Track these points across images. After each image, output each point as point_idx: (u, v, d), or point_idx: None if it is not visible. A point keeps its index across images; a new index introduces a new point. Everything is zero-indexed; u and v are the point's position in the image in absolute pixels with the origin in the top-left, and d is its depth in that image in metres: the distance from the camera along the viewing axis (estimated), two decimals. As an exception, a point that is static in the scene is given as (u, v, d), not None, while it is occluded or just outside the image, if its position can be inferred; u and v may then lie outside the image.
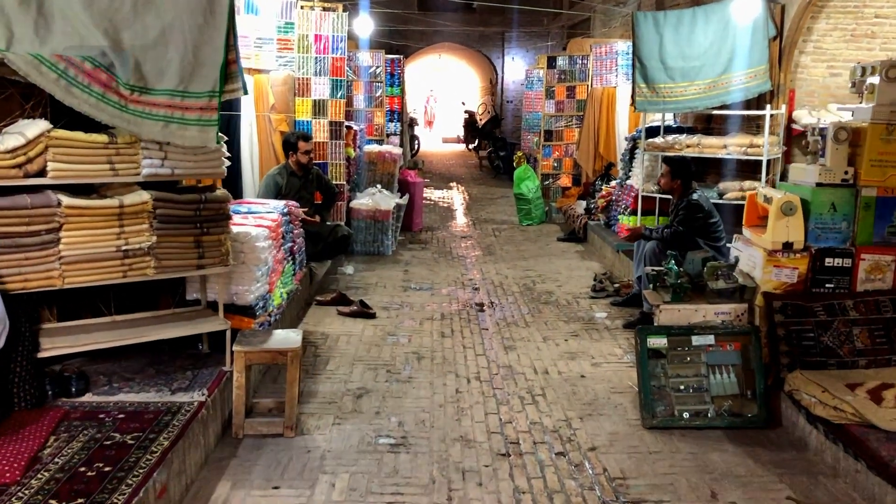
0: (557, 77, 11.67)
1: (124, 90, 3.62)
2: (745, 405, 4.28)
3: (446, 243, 9.87)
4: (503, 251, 9.36)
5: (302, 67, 7.39)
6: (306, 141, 6.81)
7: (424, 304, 6.76)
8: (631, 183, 8.52)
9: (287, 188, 6.84)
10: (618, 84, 11.10)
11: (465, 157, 23.25)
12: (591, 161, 11.29)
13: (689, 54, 7.26)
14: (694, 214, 6.07)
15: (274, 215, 5.01)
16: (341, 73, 7.48)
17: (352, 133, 9.02)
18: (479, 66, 25.24)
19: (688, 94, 7.33)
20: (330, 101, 7.49)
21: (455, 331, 6.03)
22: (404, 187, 10.33)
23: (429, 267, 8.35)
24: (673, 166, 6.35)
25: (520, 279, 7.83)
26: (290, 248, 5.47)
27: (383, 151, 9.81)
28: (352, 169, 9.33)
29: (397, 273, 7.95)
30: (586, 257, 8.95)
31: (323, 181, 7.22)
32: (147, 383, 3.95)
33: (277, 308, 5.04)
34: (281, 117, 7.33)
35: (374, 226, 8.74)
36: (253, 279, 4.44)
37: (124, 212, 3.71)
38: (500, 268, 8.39)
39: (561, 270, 8.25)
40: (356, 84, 11.79)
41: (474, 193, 15.19)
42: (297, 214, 5.65)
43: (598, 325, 6.21)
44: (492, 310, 6.66)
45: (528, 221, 11.22)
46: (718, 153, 7.36)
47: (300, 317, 6.19)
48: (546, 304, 6.86)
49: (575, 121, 11.68)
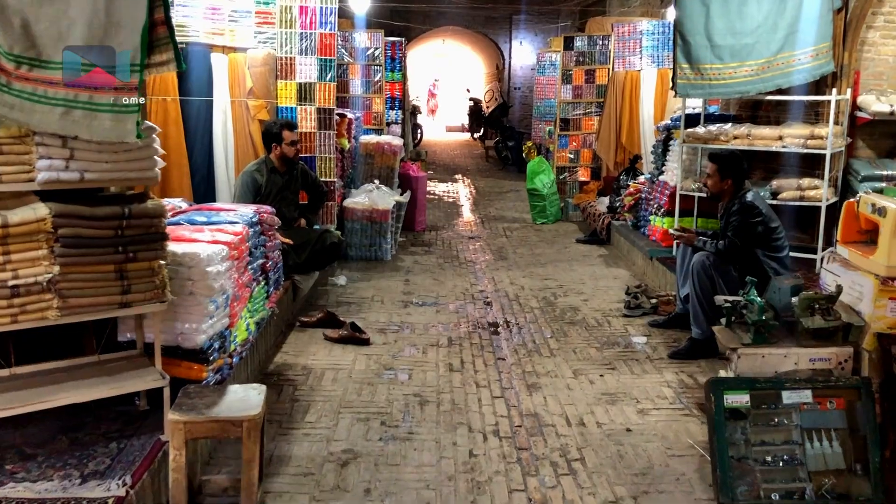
0: (575, 60, 10.56)
1: (6, 63, 2.56)
2: (853, 483, 3.23)
3: (452, 245, 8.81)
4: (517, 255, 8.30)
5: (285, 45, 6.31)
6: (292, 130, 5.73)
7: (428, 325, 5.71)
8: (665, 179, 7.44)
9: (268, 187, 5.78)
10: (642, 67, 10.03)
11: (470, 147, 22.14)
12: (611, 153, 10.22)
13: (741, 29, 6.16)
14: (750, 220, 4.99)
15: (238, 227, 3.94)
16: (331, 52, 6.39)
17: (346, 122, 7.94)
18: (485, 51, 24.06)
19: (738, 77, 6.23)
20: (318, 84, 6.41)
21: (465, 362, 4.98)
22: (405, 182, 9.26)
23: (433, 275, 7.29)
24: (720, 163, 5.26)
25: (538, 291, 6.77)
26: (263, 265, 4.41)
27: (382, 142, 8.73)
28: (346, 163, 8.26)
29: (397, 283, 6.90)
30: (612, 263, 7.88)
31: (310, 178, 6.15)
32: (52, 463, 2.90)
33: (242, 344, 3.99)
34: (260, 104, 6.25)
35: (370, 228, 7.68)
36: (204, 314, 3.39)
37: (9, 233, 2.66)
38: (515, 276, 7.34)
39: (585, 279, 7.19)
40: (352, 67, 10.70)
41: (481, 187, 14.11)
42: (271, 223, 4.58)
43: (637, 354, 5.15)
44: (508, 332, 5.61)
45: (542, 220, 10.15)
46: (773, 145, 6.27)
47: (279, 344, 5.15)
48: (572, 324, 5.81)
49: (594, 108, 10.58)
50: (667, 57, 10.00)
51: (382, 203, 7.72)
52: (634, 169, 8.93)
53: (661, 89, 9.98)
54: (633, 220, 8.08)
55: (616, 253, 8.30)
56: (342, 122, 7.85)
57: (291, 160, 5.80)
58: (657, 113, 9.99)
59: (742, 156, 5.37)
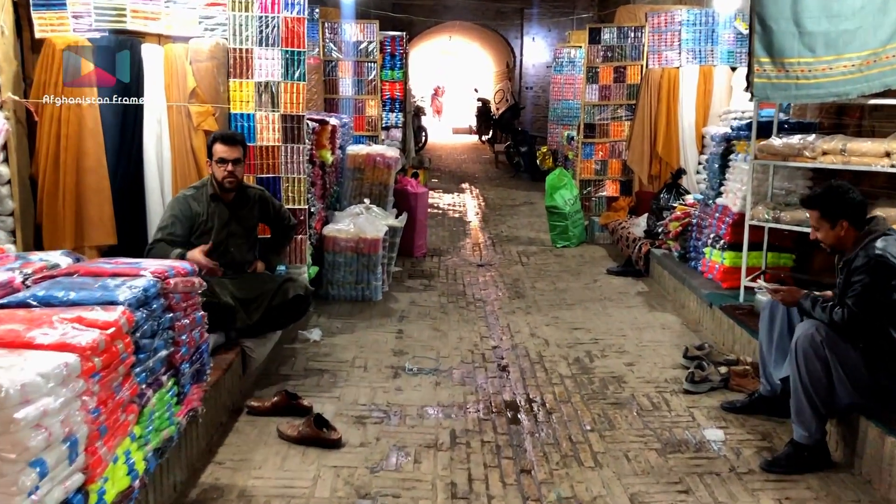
0: (602, 55, 9.04)
1: None
2: None
3: (458, 277, 7.34)
4: (536, 291, 6.82)
5: (239, 33, 4.85)
6: (227, 143, 4.25)
7: (424, 408, 4.23)
8: (724, 203, 5.94)
9: (208, 220, 4.32)
10: (681, 63, 8.55)
11: (478, 151, 20.68)
12: (645, 164, 8.74)
13: (839, 10, 4.66)
14: (881, 280, 3.48)
15: (113, 313, 2.47)
16: (300, 43, 4.92)
17: (327, 130, 6.48)
18: (494, 48, 22.57)
19: (833, 74, 4.72)
20: (283, 84, 4.94)
21: (475, 478, 3.50)
22: (402, 200, 7.79)
23: (433, 322, 5.82)
24: (822, 206, 3.72)
25: (567, 347, 5.29)
26: (170, 356, 2.93)
27: (373, 154, 7.24)
28: (329, 179, 6.81)
29: (386, 337, 5.42)
30: (656, 304, 6.38)
31: (271, 209, 4.68)
32: None
33: (125, 495, 2.51)
34: (206, 109, 4.79)
35: (356, 261, 6.20)
36: (15, 491, 1.91)
37: None
38: (536, 323, 5.86)
39: (625, 329, 5.70)
40: (342, 65, 9.22)
41: (491, 198, 12.63)
42: (191, 288, 3.11)
43: (715, 462, 3.67)
44: (532, 419, 4.13)
45: (563, 242, 8.65)
46: (877, 164, 4.75)
47: (214, 447, 3.67)
48: (618, 406, 4.32)
49: (625, 112, 9.07)
50: (710, 52, 8.54)
51: (372, 230, 6.24)
52: (677, 185, 7.44)
53: (703, 90, 8.52)
54: (680, 250, 6.58)
55: (658, 290, 6.80)
56: (323, 131, 6.39)
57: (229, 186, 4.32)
58: (699, 118, 8.52)
59: (847, 185, 3.83)
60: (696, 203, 6.63)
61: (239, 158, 4.26)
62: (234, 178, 4.28)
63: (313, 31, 9.03)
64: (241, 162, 4.29)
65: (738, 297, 5.47)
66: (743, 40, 8.45)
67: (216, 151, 4.22)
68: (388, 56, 11.83)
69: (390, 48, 11.82)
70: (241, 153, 4.28)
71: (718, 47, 8.49)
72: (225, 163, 4.22)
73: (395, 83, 11.91)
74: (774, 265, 5.73)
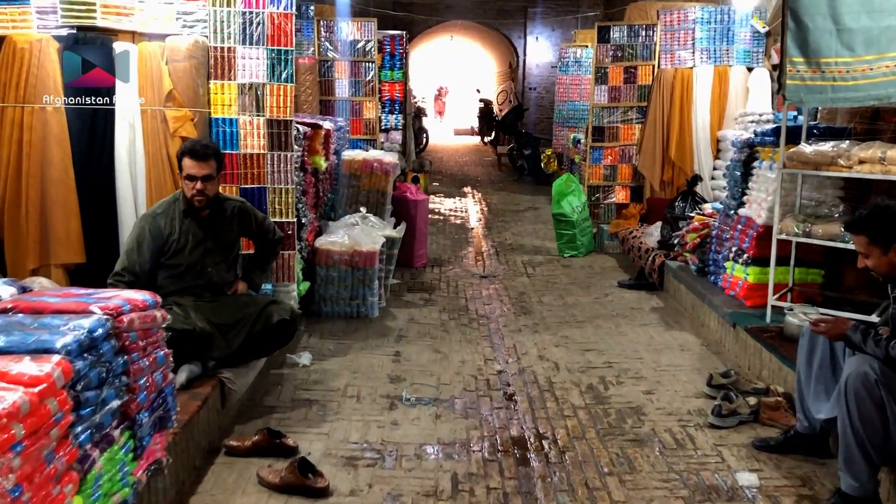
0: (612, 55, 8.60)
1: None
2: None
3: (460, 290, 6.91)
4: (543, 306, 6.39)
5: (220, 30, 4.43)
6: (197, 158, 3.79)
7: (423, 447, 3.81)
8: (747, 214, 5.51)
9: (179, 239, 3.90)
10: (695, 63, 8.11)
11: (480, 153, 20.27)
12: (657, 169, 8.30)
13: (881, 6, 4.24)
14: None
15: (46, 365, 2.05)
16: (288, 41, 4.49)
17: (320, 135, 6.07)
18: (497, 47, 22.13)
19: (874, 75, 4.29)
20: (269, 86, 4.51)
21: (480, 536, 3.08)
22: (402, 208, 7.37)
23: (434, 343, 5.39)
24: (869, 229, 3.27)
25: (579, 372, 4.87)
26: (124, 407, 2.50)
27: (370, 160, 6.81)
28: (322, 187, 6.39)
29: (383, 360, 4.99)
30: (672, 322, 5.95)
31: (252, 223, 4.24)
32: None
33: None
34: (183, 114, 4.37)
35: (351, 276, 5.78)
36: None
37: None
38: (544, 343, 5.43)
39: (641, 351, 5.27)
40: (338, 65, 8.79)
41: (494, 203, 12.20)
42: (150, 322, 2.68)
43: (751, 514, 3.25)
44: (543, 460, 3.70)
45: (571, 252, 8.22)
46: (921, 174, 4.34)
47: (183, 497, 3.25)
48: (637, 443, 3.89)
49: (635, 114, 8.64)
50: (725, 51, 8.10)
51: (368, 242, 5.82)
52: (693, 193, 7.01)
53: (718, 91, 8.08)
54: (698, 263, 6.15)
55: (674, 305, 6.36)
56: (315, 136, 5.98)
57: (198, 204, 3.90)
58: (714, 120, 8.09)
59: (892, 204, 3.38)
60: (715, 213, 6.20)
61: (210, 175, 3.83)
62: (204, 197, 3.84)
63: (308, 29, 8.61)
64: (212, 178, 3.85)
65: (764, 316, 5.04)
66: (760, 39, 8.03)
67: (184, 167, 3.79)
68: (388, 56, 11.41)
69: (390, 48, 11.39)
70: (212, 168, 3.84)
71: (734, 46, 8.06)
72: (194, 180, 3.79)
73: (394, 84, 11.48)
74: (802, 281, 5.30)
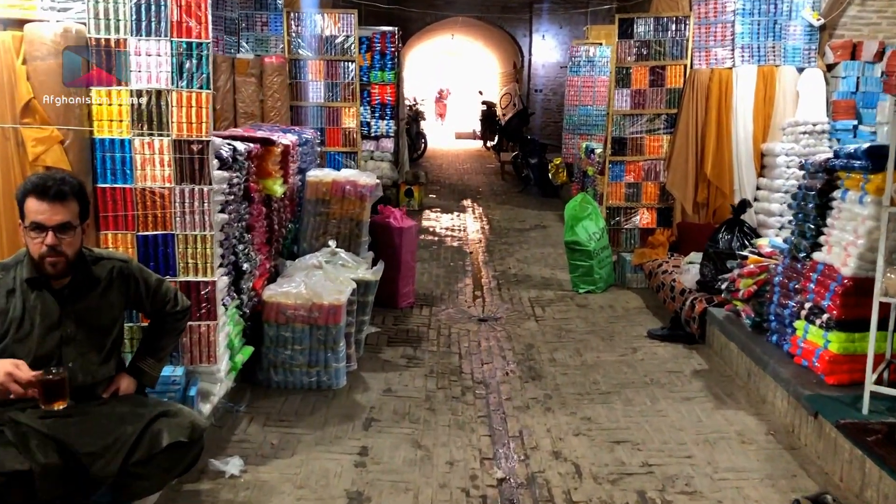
0: (636, 53, 7.27)
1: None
2: None
3: (453, 341, 5.60)
4: (557, 368, 5.08)
5: (104, 15, 3.12)
6: (47, 198, 2.49)
7: None
8: (827, 260, 4.18)
9: (23, 319, 2.60)
10: (735, 63, 6.83)
11: (482, 159, 18.95)
12: (689, 188, 7.01)
13: None
14: None
15: None
16: (202, 31, 3.19)
17: (274, 153, 4.77)
18: (500, 46, 20.82)
19: None
20: (176, 93, 3.21)
21: None
22: (383, 238, 6.07)
23: (414, 430, 4.07)
24: None
25: (609, 482, 3.55)
26: None
27: (341, 181, 5.49)
28: (281, 217, 5.11)
29: (342, 465, 3.67)
30: (722, 392, 4.63)
31: (141, 289, 2.91)
32: None
33: None
34: (48, 134, 3.06)
35: (310, 336, 4.46)
36: None
37: None
38: (559, 427, 4.13)
39: (688, 443, 3.95)
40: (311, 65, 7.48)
41: (497, 220, 10.87)
42: None
43: None
44: None
45: (587, 287, 6.90)
46: None
47: None
48: None
49: (663, 123, 7.32)
50: (771, 48, 6.83)
51: (331, 293, 4.50)
52: (741, 223, 5.68)
53: (763, 96, 6.79)
54: (753, 316, 4.83)
55: (722, 368, 5.04)
56: (268, 154, 4.70)
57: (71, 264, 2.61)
58: (757, 130, 6.82)
59: None
60: (776, 252, 4.88)
61: (68, 223, 2.53)
62: (60, 258, 2.55)
63: (276, 23, 7.32)
64: (72, 229, 2.56)
65: (856, 402, 3.73)
66: (813, 34, 6.74)
67: (28, 212, 2.50)
68: (378, 55, 10.15)
69: (380, 46, 10.14)
70: (72, 214, 2.55)
71: (782, 43, 6.76)
72: (42, 231, 2.50)
73: (385, 86, 10.23)
74: (903, 350, 3.99)
